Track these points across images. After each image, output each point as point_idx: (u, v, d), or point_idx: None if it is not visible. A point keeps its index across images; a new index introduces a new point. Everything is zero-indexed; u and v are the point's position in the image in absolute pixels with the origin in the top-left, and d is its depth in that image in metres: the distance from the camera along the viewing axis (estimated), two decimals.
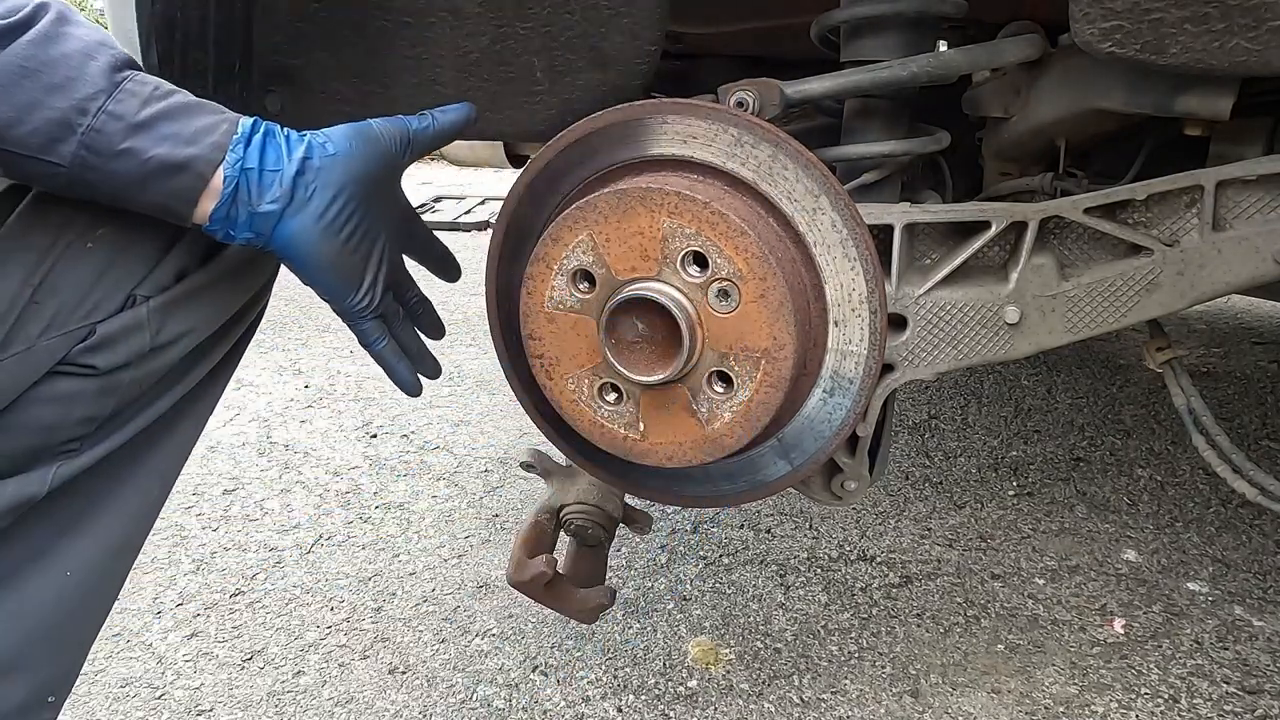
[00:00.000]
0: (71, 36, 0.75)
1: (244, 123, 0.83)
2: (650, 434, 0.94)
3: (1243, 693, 1.51)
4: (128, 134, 0.76)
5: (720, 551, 1.95)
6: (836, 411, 0.97)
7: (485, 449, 2.48)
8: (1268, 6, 0.82)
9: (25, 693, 0.85)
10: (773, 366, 0.87)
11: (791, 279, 0.89)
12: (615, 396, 0.94)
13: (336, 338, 3.44)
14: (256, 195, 0.82)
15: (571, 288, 0.91)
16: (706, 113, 0.92)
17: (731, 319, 0.87)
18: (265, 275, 0.96)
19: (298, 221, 0.84)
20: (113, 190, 0.79)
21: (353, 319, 0.96)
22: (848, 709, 1.48)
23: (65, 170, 0.75)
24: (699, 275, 0.87)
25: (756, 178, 0.92)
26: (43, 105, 0.73)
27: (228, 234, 0.84)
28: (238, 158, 0.81)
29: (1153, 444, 2.46)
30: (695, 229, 0.86)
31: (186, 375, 0.90)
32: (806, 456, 1.00)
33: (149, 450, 0.90)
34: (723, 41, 1.65)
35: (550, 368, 0.95)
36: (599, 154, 0.96)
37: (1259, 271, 0.92)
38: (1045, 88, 1.17)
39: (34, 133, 0.73)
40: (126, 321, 0.82)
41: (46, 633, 0.85)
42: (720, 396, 0.90)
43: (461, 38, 1.09)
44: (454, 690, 1.54)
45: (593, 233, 0.89)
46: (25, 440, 0.80)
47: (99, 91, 0.75)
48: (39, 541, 0.84)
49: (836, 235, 0.91)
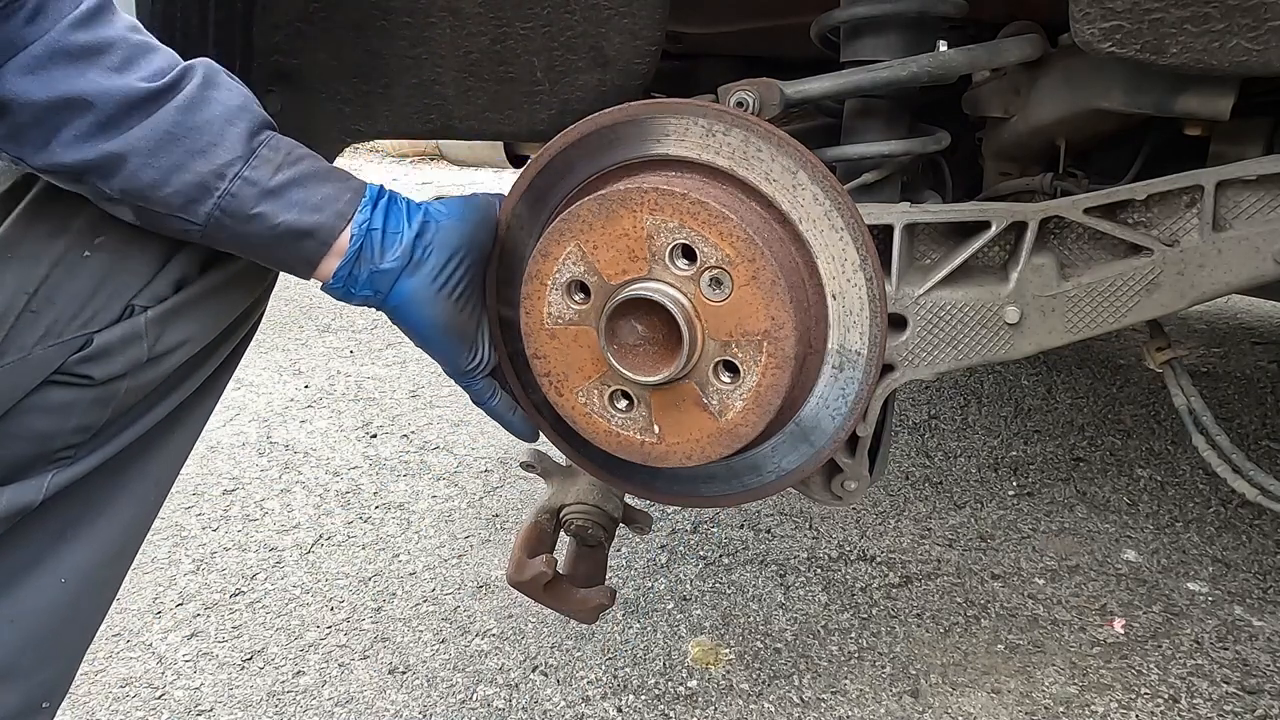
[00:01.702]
0: (215, 101, 0.80)
1: (371, 188, 0.89)
2: (666, 435, 0.93)
3: (1243, 693, 1.51)
4: (260, 199, 0.80)
5: (720, 551, 1.95)
6: (849, 386, 0.97)
7: (485, 449, 2.48)
8: (1268, 6, 0.82)
9: (19, 699, 0.85)
10: (775, 346, 0.87)
11: (781, 257, 0.89)
12: (626, 403, 0.94)
13: (337, 338, 3.44)
14: (379, 254, 0.87)
15: (567, 300, 0.91)
16: (674, 109, 0.92)
17: (727, 305, 0.87)
18: (263, 284, 0.97)
19: (415, 281, 0.90)
20: (241, 248, 0.84)
21: (466, 379, 1.00)
22: (848, 709, 1.48)
23: (200, 228, 0.80)
24: (689, 267, 0.87)
25: (732, 164, 0.92)
26: (185, 169, 0.78)
27: (348, 292, 0.89)
28: (365, 218, 0.86)
29: (1153, 444, 2.46)
30: (678, 222, 0.86)
31: (183, 383, 0.90)
32: (827, 436, 0.99)
33: (144, 457, 0.90)
34: (723, 41, 1.65)
35: (559, 384, 0.95)
36: (577, 166, 0.97)
37: (1259, 271, 0.91)
38: (1045, 88, 1.17)
39: (175, 194, 0.78)
40: (124, 332, 0.81)
41: (40, 639, 0.85)
42: (729, 386, 0.90)
43: (461, 38, 1.09)
44: (454, 690, 1.54)
45: (580, 242, 0.89)
46: (20, 449, 0.79)
47: (237, 158, 0.79)
48: (34, 549, 0.84)
49: (820, 208, 0.92)
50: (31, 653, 0.85)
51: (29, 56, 0.72)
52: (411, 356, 3.20)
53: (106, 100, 0.74)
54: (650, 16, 1.06)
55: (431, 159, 8.68)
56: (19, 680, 0.84)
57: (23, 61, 0.72)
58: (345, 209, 0.86)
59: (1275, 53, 0.83)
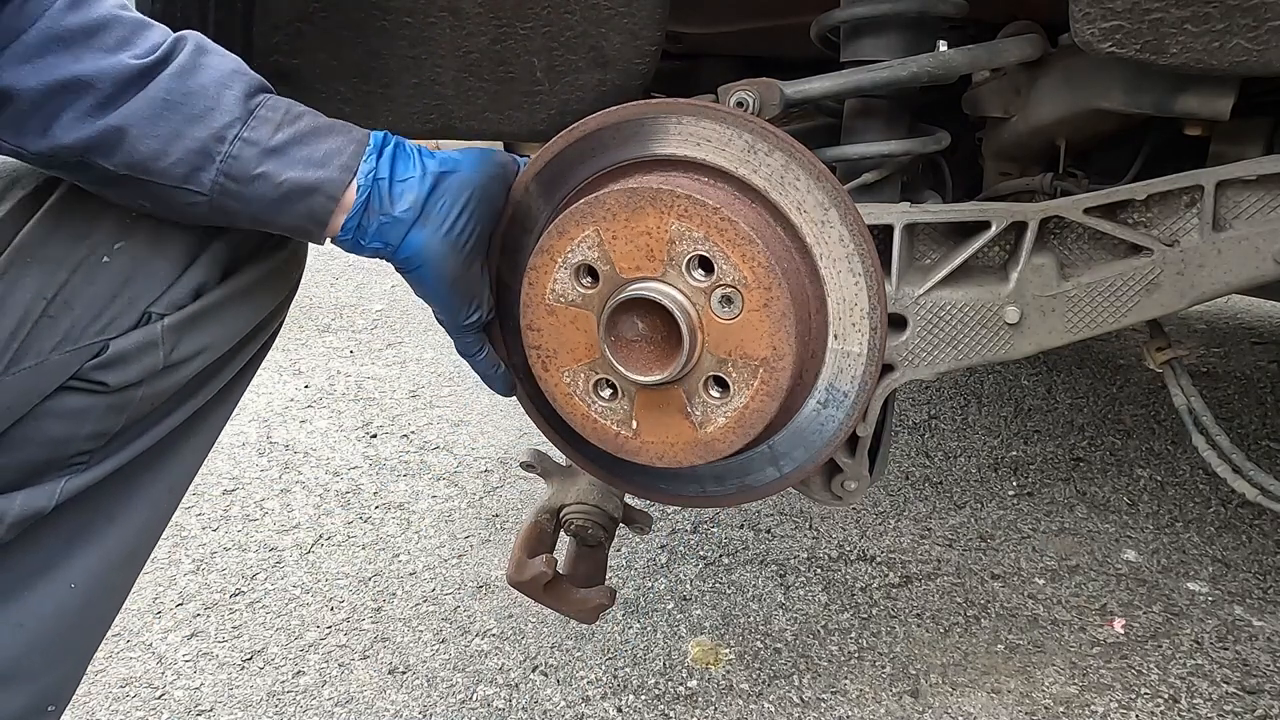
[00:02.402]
0: (208, 67, 0.79)
1: (375, 136, 0.87)
2: (642, 432, 0.94)
3: (1243, 693, 1.51)
4: (262, 159, 0.79)
5: (720, 551, 1.95)
6: (829, 424, 0.98)
7: (485, 449, 2.48)
8: (1268, 6, 0.82)
9: (24, 701, 0.84)
10: (770, 376, 0.87)
11: (795, 290, 0.89)
12: (610, 393, 0.94)
13: (336, 338, 3.44)
14: (388, 204, 0.85)
15: (574, 282, 0.91)
16: (722, 116, 0.91)
17: (733, 326, 0.87)
18: (282, 293, 0.95)
19: (426, 232, 0.87)
20: (250, 215, 0.82)
21: (459, 332, 0.99)
22: (848, 709, 1.48)
23: (206, 199, 0.79)
24: (704, 280, 0.87)
25: (768, 186, 0.91)
26: (184, 135, 0.77)
27: (357, 244, 0.87)
28: (370, 168, 0.84)
29: (1153, 444, 2.46)
30: (704, 234, 0.86)
31: (199, 392, 0.89)
32: (795, 465, 1.01)
33: (158, 465, 0.89)
34: (723, 41, 1.65)
35: (547, 359, 0.95)
36: (610, 149, 0.95)
37: (1259, 271, 0.91)
38: (1045, 88, 1.17)
39: (178, 163, 0.77)
40: (140, 339, 0.81)
41: (48, 643, 0.85)
42: (715, 401, 0.90)
43: (461, 38, 1.09)
44: (454, 690, 1.54)
45: (600, 229, 0.88)
46: (34, 454, 0.79)
47: (235, 120, 0.78)
48: (45, 554, 0.83)
49: (843, 250, 0.91)
50: (38, 656, 0.84)
51: (24, 45, 0.72)
52: (411, 356, 3.20)
53: (104, 78, 0.73)
54: (650, 16, 1.06)
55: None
56: (25, 683, 0.84)
57: (18, 50, 0.72)
58: (350, 161, 0.84)
59: (1275, 53, 0.83)
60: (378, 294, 4.06)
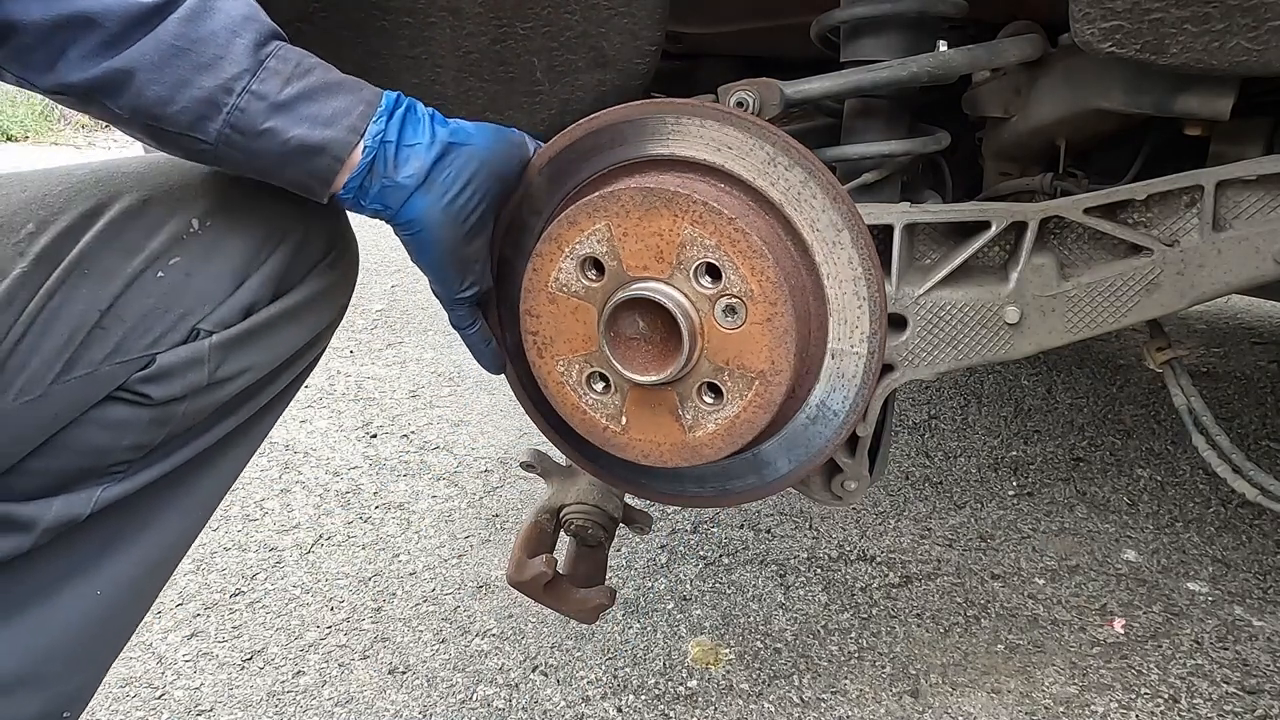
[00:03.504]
0: (220, 11, 0.76)
1: (388, 97, 0.85)
2: (631, 429, 0.94)
3: (1243, 693, 1.51)
4: (269, 114, 0.77)
5: (720, 551, 1.95)
6: (815, 439, 0.98)
7: (485, 449, 2.48)
8: (1268, 6, 0.82)
9: (39, 707, 0.84)
10: (765, 389, 0.88)
11: (799, 307, 0.89)
12: (603, 386, 0.94)
13: (336, 338, 3.43)
14: (393, 167, 0.84)
15: (579, 273, 0.91)
16: (746, 125, 0.91)
17: (734, 336, 0.87)
18: (329, 317, 0.95)
19: (427, 200, 0.86)
20: (255, 168, 0.81)
21: (453, 304, 0.98)
22: (848, 709, 1.48)
23: (211, 148, 0.78)
24: (710, 287, 0.87)
25: (784, 200, 0.91)
26: (192, 84, 0.75)
27: (357, 203, 0.85)
28: (378, 130, 0.83)
29: (1153, 444, 2.46)
30: (715, 242, 0.85)
31: (238, 410, 0.89)
32: (778, 475, 1.02)
33: (192, 479, 0.89)
34: (723, 41, 1.65)
35: (542, 346, 0.95)
36: (629, 144, 0.95)
37: (1259, 271, 0.91)
38: (1045, 88, 1.17)
39: (184, 111, 0.75)
40: (186, 355, 0.81)
41: (70, 650, 0.85)
42: (708, 407, 0.90)
43: (461, 38, 1.09)
44: (454, 690, 1.54)
45: (611, 224, 0.88)
46: (74, 461, 0.79)
47: (244, 71, 0.76)
48: (75, 560, 0.83)
49: (851, 272, 0.91)
50: (59, 662, 0.84)
51: None
52: (411, 356, 3.20)
53: (110, 16, 0.72)
54: (650, 16, 1.06)
55: None
56: (41, 688, 0.84)
57: None
58: (358, 122, 0.82)
59: (1275, 53, 0.83)
60: (378, 294, 4.06)
